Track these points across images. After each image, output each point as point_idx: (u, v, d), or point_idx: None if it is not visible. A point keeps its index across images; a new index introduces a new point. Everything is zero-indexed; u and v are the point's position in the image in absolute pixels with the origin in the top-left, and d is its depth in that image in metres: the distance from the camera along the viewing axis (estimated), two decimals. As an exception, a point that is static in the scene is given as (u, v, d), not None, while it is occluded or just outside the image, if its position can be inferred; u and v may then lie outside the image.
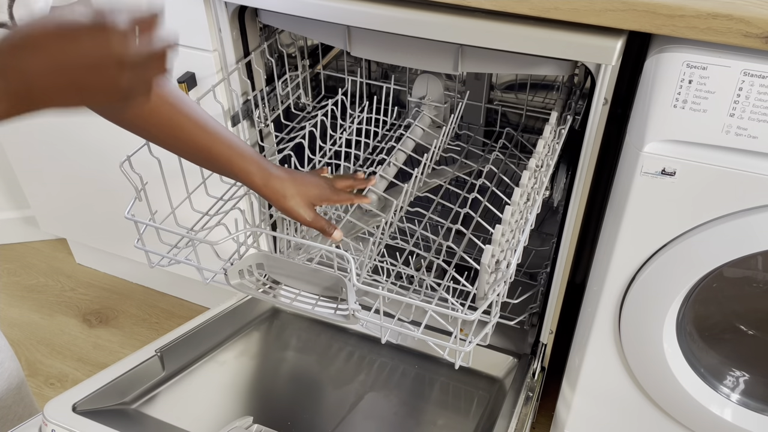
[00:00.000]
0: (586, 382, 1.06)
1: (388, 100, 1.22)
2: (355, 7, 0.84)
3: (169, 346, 1.00)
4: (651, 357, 0.94)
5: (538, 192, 0.85)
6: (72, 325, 1.55)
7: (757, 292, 0.96)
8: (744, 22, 0.67)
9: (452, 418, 1.01)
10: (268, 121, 1.12)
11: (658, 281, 0.87)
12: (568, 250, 0.99)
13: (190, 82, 1.04)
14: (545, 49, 0.79)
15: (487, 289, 0.75)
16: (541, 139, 0.86)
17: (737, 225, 0.78)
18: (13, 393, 0.85)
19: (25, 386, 0.88)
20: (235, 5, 0.96)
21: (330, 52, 1.27)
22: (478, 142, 1.27)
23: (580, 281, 1.18)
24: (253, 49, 1.06)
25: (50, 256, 1.74)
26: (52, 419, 0.84)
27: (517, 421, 0.95)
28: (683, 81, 0.72)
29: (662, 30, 0.71)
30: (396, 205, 0.97)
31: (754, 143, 0.73)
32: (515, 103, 1.26)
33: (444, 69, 0.93)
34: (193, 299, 1.60)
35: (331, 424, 0.98)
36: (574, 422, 1.13)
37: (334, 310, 0.80)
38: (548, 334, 1.10)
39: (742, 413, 0.96)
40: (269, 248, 1.25)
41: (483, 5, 0.78)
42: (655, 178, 0.79)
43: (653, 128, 0.76)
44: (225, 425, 0.91)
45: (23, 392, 0.87)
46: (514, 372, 1.06)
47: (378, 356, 1.11)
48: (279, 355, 1.11)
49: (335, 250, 0.80)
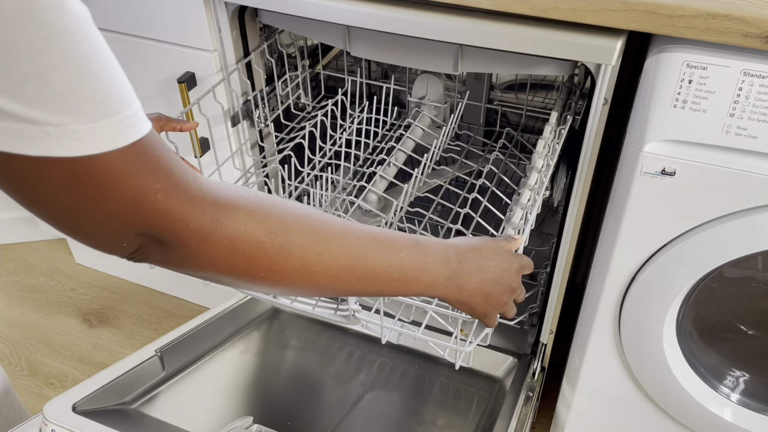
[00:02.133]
0: (586, 382, 1.06)
1: (388, 100, 1.22)
2: (355, 7, 0.84)
3: (169, 346, 1.00)
4: (651, 357, 0.94)
5: (538, 192, 0.85)
6: (72, 325, 1.55)
7: (757, 292, 0.96)
8: (744, 22, 0.67)
9: (452, 418, 1.01)
10: (268, 121, 1.12)
11: (658, 281, 0.87)
12: (568, 250, 0.99)
13: (190, 82, 1.04)
14: (545, 49, 0.79)
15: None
16: (541, 139, 0.86)
17: (737, 225, 0.78)
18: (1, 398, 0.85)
19: (12, 391, 0.88)
20: (235, 5, 0.96)
21: (330, 52, 1.27)
22: (478, 142, 1.27)
23: (580, 281, 1.18)
24: (253, 49, 1.06)
25: (50, 256, 1.74)
26: (52, 419, 0.84)
27: (517, 421, 0.95)
28: (683, 81, 0.72)
29: (662, 30, 0.71)
30: (396, 205, 0.97)
31: (754, 143, 0.73)
32: (515, 103, 1.26)
33: (444, 69, 0.93)
34: (193, 299, 1.60)
35: (331, 424, 0.98)
36: (574, 422, 1.13)
37: (335, 311, 0.80)
38: (548, 334, 1.10)
39: (742, 413, 0.96)
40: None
41: (483, 5, 0.78)
42: (655, 178, 0.79)
43: (653, 128, 0.76)
44: (225, 425, 0.91)
45: (11, 396, 0.87)
46: (514, 372, 1.06)
47: (378, 356, 1.11)
48: (279, 355, 1.11)
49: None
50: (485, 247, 0.65)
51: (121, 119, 0.38)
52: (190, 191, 0.43)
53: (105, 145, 0.38)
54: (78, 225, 0.41)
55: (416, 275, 0.58)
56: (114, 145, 0.38)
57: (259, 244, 0.46)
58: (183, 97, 1.03)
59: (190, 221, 0.43)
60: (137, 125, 0.39)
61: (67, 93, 0.36)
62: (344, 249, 0.52)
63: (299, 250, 0.48)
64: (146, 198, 0.40)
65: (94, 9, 1.16)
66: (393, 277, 0.56)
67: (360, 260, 0.53)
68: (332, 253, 0.51)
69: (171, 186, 0.41)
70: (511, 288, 0.66)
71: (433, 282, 0.59)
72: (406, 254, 0.56)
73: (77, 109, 0.36)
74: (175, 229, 0.42)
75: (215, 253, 0.45)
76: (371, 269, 0.54)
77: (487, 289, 0.64)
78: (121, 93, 0.39)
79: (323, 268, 0.50)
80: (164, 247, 0.43)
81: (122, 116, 0.38)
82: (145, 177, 0.40)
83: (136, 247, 0.43)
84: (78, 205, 0.39)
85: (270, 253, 0.47)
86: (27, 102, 0.35)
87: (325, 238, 0.50)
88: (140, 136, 0.39)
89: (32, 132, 0.35)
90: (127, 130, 0.39)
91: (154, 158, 0.40)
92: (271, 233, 0.47)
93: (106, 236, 0.42)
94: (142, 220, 0.41)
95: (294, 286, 0.51)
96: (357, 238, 0.53)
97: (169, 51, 1.04)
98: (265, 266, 0.47)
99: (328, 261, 0.51)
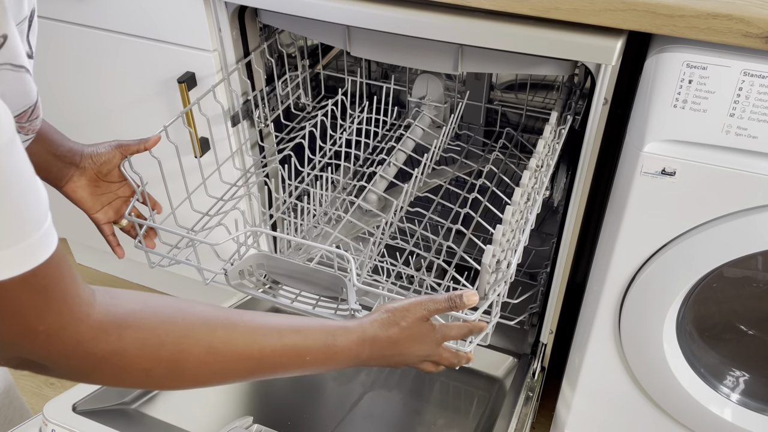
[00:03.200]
0: (586, 382, 1.06)
1: (388, 100, 1.22)
2: (355, 7, 0.84)
3: (169, 346, 1.00)
4: (651, 357, 0.94)
5: (538, 192, 0.85)
6: (72, 325, 1.55)
7: (757, 292, 0.96)
8: (744, 22, 0.67)
9: (452, 418, 1.01)
10: (268, 121, 1.12)
11: (658, 281, 0.87)
12: (568, 250, 0.99)
13: (190, 82, 1.04)
14: (545, 49, 0.79)
15: (488, 289, 0.75)
16: (542, 139, 0.86)
17: (737, 225, 0.78)
18: (1, 397, 0.84)
19: (14, 389, 0.88)
20: (235, 5, 0.96)
21: (330, 52, 1.27)
22: (478, 142, 1.27)
23: (580, 281, 1.18)
24: (253, 49, 1.06)
25: (50, 256, 1.74)
26: (52, 419, 0.84)
27: (517, 421, 0.95)
28: (683, 81, 0.72)
29: (662, 30, 0.71)
30: (396, 205, 0.97)
31: (754, 143, 0.73)
32: (515, 103, 1.26)
33: (444, 69, 0.93)
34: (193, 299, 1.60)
35: (331, 424, 0.98)
36: (574, 422, 1.13)
37: (335, 311, 0.80)
38: (548, 334, 1.10)
39: (742, 413, 0.96)
40: (269, 248, 1.25)
41: (483, 5, 0.78)
42: (655, 178, 0.79)
43: (653, 128, 0.76)
44: (225, 425, 0.91)
45: (12, 395, 0.87)
46: (514, 372, 1.06)
47: (378, 356, 1.11)
48: (279, 355, 1.11)
49: (335, 250, 0.80)
50: (403, 339, 0.66)
51: (36, 239, 0.39)
52: (75, 333, 0.43)
53: (9, 272, 0.38)
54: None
55: (320, 368, 0.61)
56: (16, 271, 0.38)
57: (145, 373, 0.48)
58: (183, 97, 1.03)
59: (72, 360, 0.44)
60: (48, 242, 0.40)
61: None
62: (243, 365, 0.54)
63: (191, 373, 0.50)
64: (29, 337, 0.41)
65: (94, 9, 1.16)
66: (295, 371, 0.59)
67: (260, 371, 0.55)
68: (230, 370, 0.53)
69: (55, 329, 0.42)
70: (435, 365, 0.73)
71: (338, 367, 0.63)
72: (312, 358, 0.59)
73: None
74: (56, 363, 0.44)
75: (97, 380, 0.48)
76: (272, 372, 0.57)
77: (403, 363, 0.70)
78: (38, 211, 0.39)
79: (219, 380, 0.53)
80: (47, 369, 0.45)
81: (37, 236, 0.39)
82: (31, 316, 0.41)
83: (18, 364, 0.44)
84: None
85: (158, 378, 0.49)
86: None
87: (223, 359, 0.51)
88: (48, 255, 0.40)
89: None
90: (40, 249, 0.39)
91: (48, 288, 0.41)
92: (161, 361, 0.48)
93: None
94: (24, 350, 0.42)
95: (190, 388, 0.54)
96: (260, 351, 0.54)
97: (169, 51, 1.04)
98: (156, 386, 0.51)
99: (223, 377, 0.53)
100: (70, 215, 1.54)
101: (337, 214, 1.11)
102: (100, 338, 0.45)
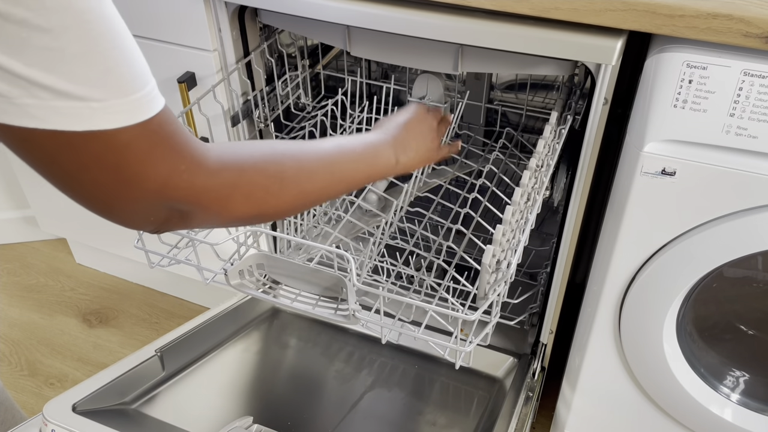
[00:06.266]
0: (586, 382, 1.06)
1: (388, 100, 1.22)
2: (355, 7, 0.84)
3: (169, 346, 1.00)
4: (651, 357, 0.94)
5: (538, 192, 0.85)
6: (72, 325, 1.55)
7: (757, 292, 0.96)
8: (744, 22, 0.67)
9: (452, 418, 1.01)
10: (268, 121, 1.12)
11: (658, 281, 0.87)
12: (568, 250, 0.99)
13: (190, 82, 1.04)
14: (545, 49, 0.79)
15: (488, 289, 0.75)
16: (542, 139, 0.86)
17: (737, 225, 0.78)
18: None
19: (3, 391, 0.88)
20: (235, 5, 0.96)
21: (330, 52, 1.27)
22: (478, 142, 1.27)
23: (580, 281, 1.18)
24: (253, 49, 1.06)
25: (50, 256, 1.74)
26: (52, 419, 0.84)
27: (517, 421, 0.95)
28: (683, 81, 0.72)
29: (662, 30, 0.71)
30: (396, 205, 0.97)
31: (754, 143, 0.73)
32: (515, 103, 1.26)
33: (444, 69, 0.93)
34: (193, 299, 1.60)
35: (331, 423, 0.98)
36: (574, 422, 1.13)
37: (335, 310, 0.80)
38: (548, 334, 1.10)
39: (742, 413, 0.96)
40: (269, 248, 1.25)
41: (483, 5, 0.78)
42: (655, 178, 0.79)
43: (653, 128, 0.76)
44: (225, 425, 0.91)
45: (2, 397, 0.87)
46: (514, 372, 1.06)
47: (378, 356, 1.11)
48: (279, 355, 1.11)
49: (335, 250, 0.80)
50: (401, 119, 0.80)
51: (146, 92, 0.42)
52: (209, 165, 0.48)
53: (139, 116, 0.42)
54: (110, 204, 0.45)
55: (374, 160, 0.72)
56: (145, 115, 0.42)
57: (265, 190, 0.55)
58: (183, 97, 1.03)
59: (212, 191, 0.49)
60: (157, 99, 0.44)
61: (107, 71, 0.40)
62: (323, 166, 0.64)
63: (294, 181, 0.58)
64: (174, 178, 0.45)
65: (94, 9, 1.14)
66: (361, 171, 0.70)
67: (336, 172, 0.66)
68: (316, 173, 0.62)
69: (194, 164, 0.47)
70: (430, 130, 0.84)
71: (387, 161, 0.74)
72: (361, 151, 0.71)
73: (115, 85, 0.40)
74: (200, 200, 0.48)
75: (234, 209, 0.52)
76: (345, 174, 0.67)
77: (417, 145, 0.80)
78: (144, 69, 0.43)
79: (312, 186, 0.62)
80: (188, 215, 0.49)
81: (147, 90, 0.42)
82: (170, 158, 0.45)
83: (163, 219, 0.48)
84: (115, 186, 0.43)
85: (275, 193, 0.56)
86: (76, 80, 0.38)
87: (308, 164, 0.61)
88: (159, 108, 0.44)
89: (79, 109, 0.39)
90: (153, 102, 0.43)
91: (172, 134, 0.45)
92: (271, 177, 0.56)
93: (137, 212, 0.46)
94: (172, 196, 0.46)
95: (296, 209, 0.62)
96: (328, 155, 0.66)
97: (169, 51, 1.04)
98: (273, 204, 0.57)
99: (315, 180, 0.62)
100: (71, 215, 1.54)
101: (337, 214, 1.11)
102: (224, 168, 0.50)
